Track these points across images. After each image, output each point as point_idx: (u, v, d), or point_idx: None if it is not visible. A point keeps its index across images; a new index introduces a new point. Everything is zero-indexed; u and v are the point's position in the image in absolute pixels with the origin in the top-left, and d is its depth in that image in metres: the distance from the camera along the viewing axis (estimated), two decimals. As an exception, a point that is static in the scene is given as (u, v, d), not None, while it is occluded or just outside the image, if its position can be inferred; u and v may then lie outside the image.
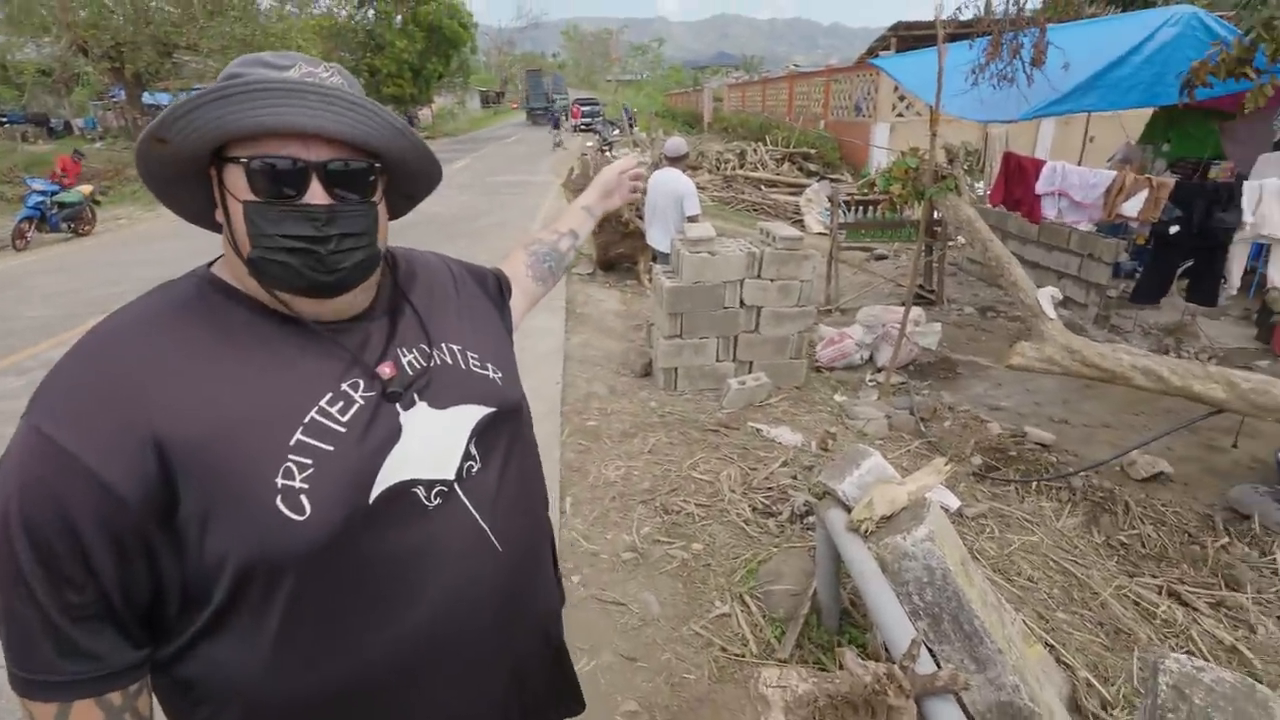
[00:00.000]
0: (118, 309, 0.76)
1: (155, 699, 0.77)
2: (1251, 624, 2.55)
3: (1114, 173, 4.31)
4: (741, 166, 14.46)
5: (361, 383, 0.79)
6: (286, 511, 0.69)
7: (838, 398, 4.51)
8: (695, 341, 4.42)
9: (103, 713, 0.69)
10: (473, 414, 0.86)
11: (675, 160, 5.34)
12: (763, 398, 4.33)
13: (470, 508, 0.83)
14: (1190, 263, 4.35)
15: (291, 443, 0.72)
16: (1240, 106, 4.32)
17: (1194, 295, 4.49)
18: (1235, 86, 4.26)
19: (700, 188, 10.21)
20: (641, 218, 6.67)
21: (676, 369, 4.48)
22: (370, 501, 0.74)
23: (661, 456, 3.60)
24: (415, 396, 0.82)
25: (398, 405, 0.80)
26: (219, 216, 0.78)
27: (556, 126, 25.15)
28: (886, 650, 1.94)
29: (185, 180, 0.77)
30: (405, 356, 0.85)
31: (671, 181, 5.12)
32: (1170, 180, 4.20)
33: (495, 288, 1.12)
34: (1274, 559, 2.89)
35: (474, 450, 0.85)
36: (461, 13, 32.00)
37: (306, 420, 0.73)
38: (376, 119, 0.74)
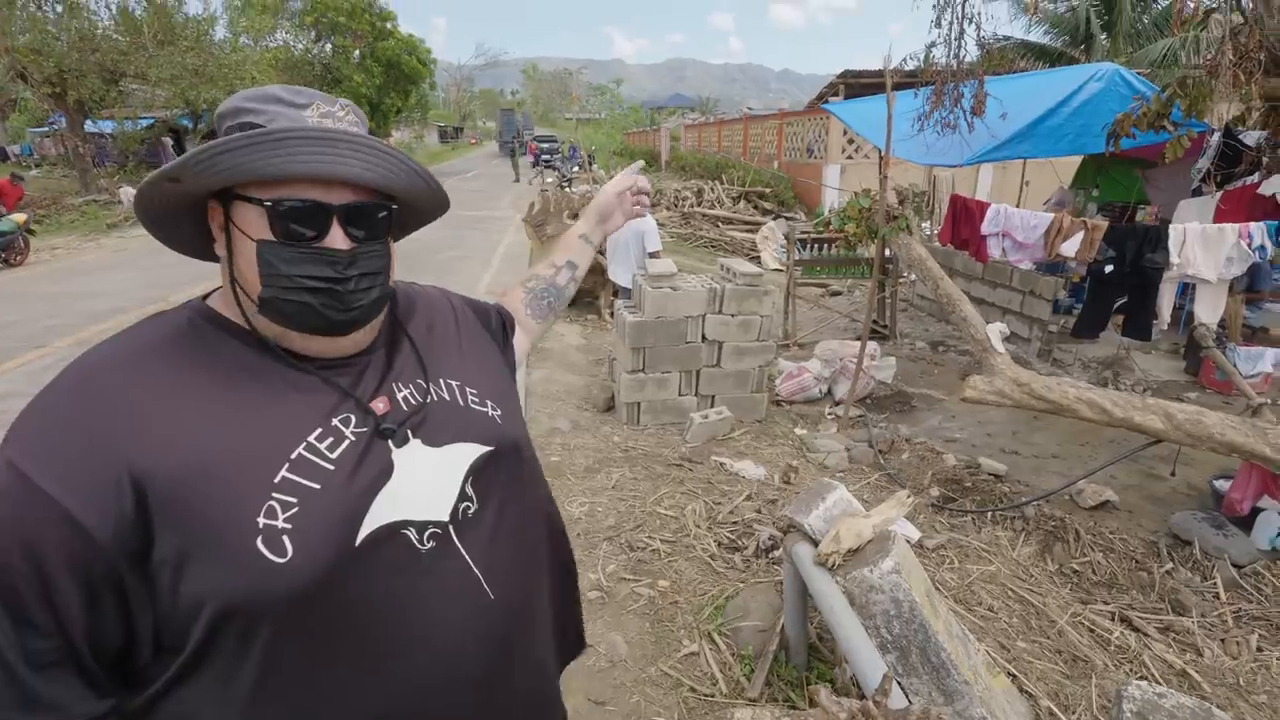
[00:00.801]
0: (104, 340, 0.73)
1: None
2: (1198, 647, 2.64)
3: (1052, 215, 4.57)
4: (699, 204, 14.78)
5: (353, 418, 0.77)
6: (267, 553, 0.65)
7: (798, 431, 4.57)
8: (658, 376, 4.44)
9: None
10: (469, 452, 0.83)
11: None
12: (725, 431, 4.35)
13: (464, 552, 0.79)
14: (1124, 300, 4.60)
15: (276, 480, 0.69)
16: (1161, 156, 4.66)
17: (1129, 330, 4.75)
18: (1156, 137, 4.60)
19: (659, 224, 10.38)
20: (603, 253, 6.73)
21: (639, 403, 4.48)
22: (357, 543, 0.71)
23: (626, 492, 3.57)
24: (409, 433, 0.79)
25: (390, 442, 0.77)
26: (218, 250, 0.77)
27: (514, 156, 25.44)
28: (856, 685, 1.93)
29: (180, 215, 0.76)
30: (401, 392, 0.83)
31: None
32: (1103, 223, 4.47)
33: (498, 324, 1.09)
34: (1215, 583, 3.01)
35: (470, 491, 0.82)
36: (420, 49, 32.21)
37: (293, 457, 0.71)
38: (398, 164, 0.75)
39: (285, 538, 0.67)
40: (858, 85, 15.03)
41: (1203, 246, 3.86)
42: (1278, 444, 2.93)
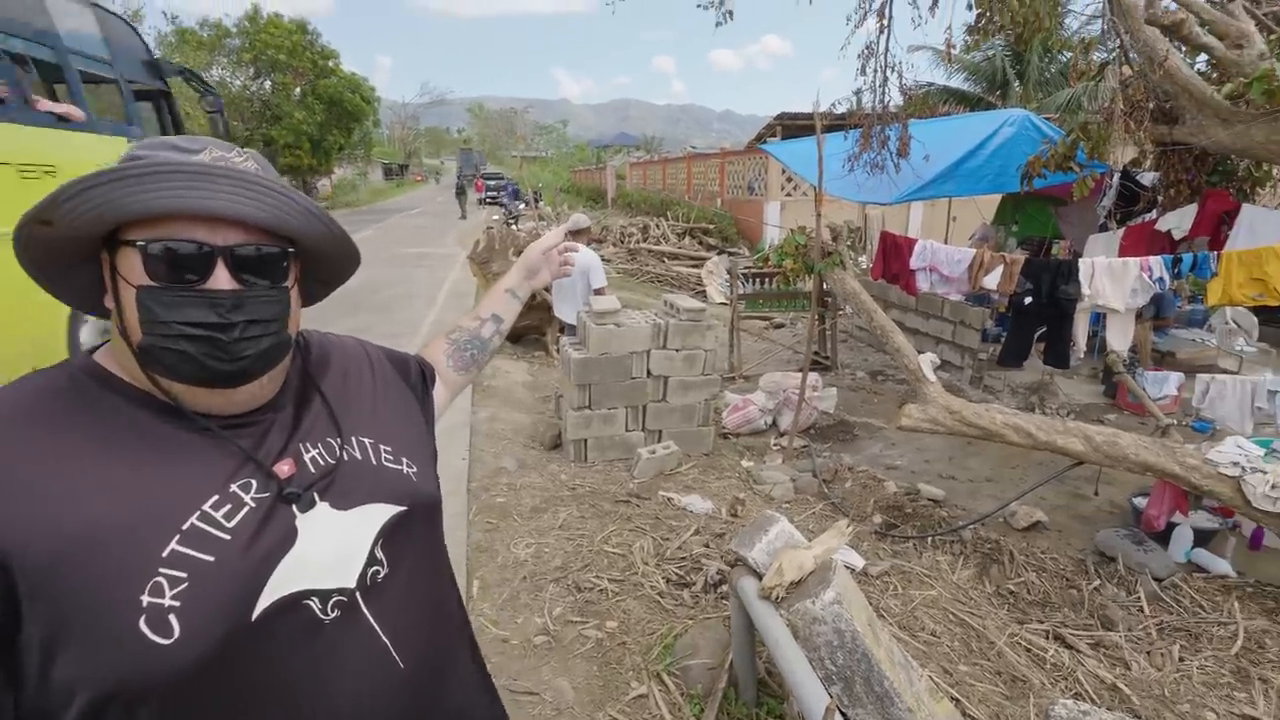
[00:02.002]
0: None
1: None
2: (1126, 661, 2.75)
3: (974, 250, 4.83)
4: (645, 240, 15.02)
5: (254, 482, 0.72)
6: (150, 634, 0.61)
7: (745, 463, 4.62)
8: (604, 412, 4.43)
9: None
10: (381, 514, 0.80)
11: (578, 234, 5.48)
12: (673, 466, 4.36)
13: (372, 620, 0.76)
14: (1044, 329, 4.88)
15: (164, 554, 0.64)
16: (1070, 194, 5.01)
17: (1049, 359, 5.02)
18: (1064, 177, 4.95)
19: (606, 260, 10.49)
20: (548, 290, 6.74)
21: (586, 440, 4.45)
22: (254, 618, 0.67)
23: (573, 531, 3.52)
24: (315, 497, 0.75)
25: (294, 507, 0.73)
26: (108, 302, 0.72)
27: (461, 193, 25.38)
28: (803, 719, 1.93)
29: (72, 265, 0.71)
30: (309, 452, 0.78)
31: (577, 255, 5.23)
32: (1020, 257, 4.76)
33: (417, 375, 1.05)
34: (1138, 597, 3.15)
35: (380, 554, 0.78)
36: (363, 87, 32.05)
37: (185, 527, 0.66)
38: (290, 203, 0.71)
39: (172, 616, 0.62)
40: (794, 126, 15.68)
41: (1109, 279, 4.15)
42: (1186, 462, 3.13)
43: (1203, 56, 4.50)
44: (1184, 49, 4.22)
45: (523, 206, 19.54)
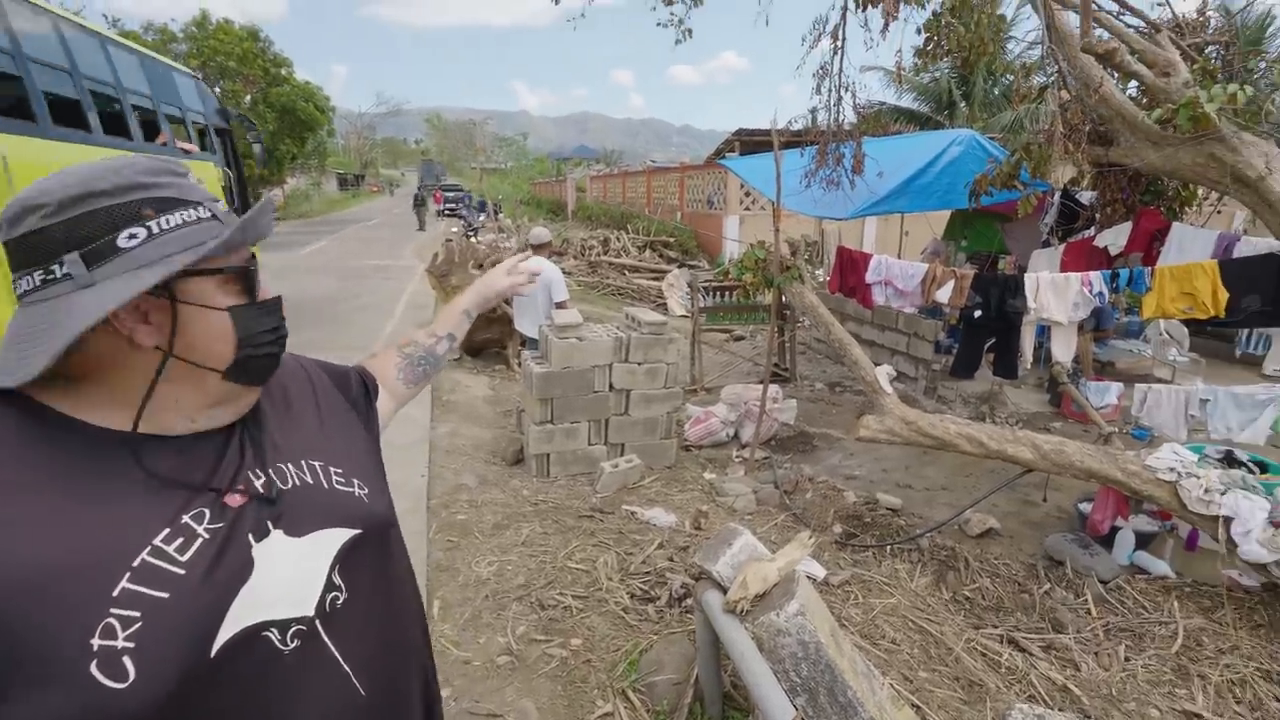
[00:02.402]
0: None
1: None
2: (1076, 662, 2.84)
3: (927, 265, 4.99)
4: (606, 253, 15.05)
5: (207, 512, 0.70)
6: (103, 679, 0.58)
7: (707, 475, 4.64)
8: (566, 426, 4.40)
9: None
10: (336, 538, 0.78)
11: (539, 248, 5.46)
12: (635, 479, 4.35)
13: (332, 647, 0.74)
14: (993, 341, 5.06)
15: (115, 593, 0.61)
16: (1015, 211, 5.22)
17: (998, 369, 5.20)
18: (1009, 195, 5.15)
19: (567, 273, 10.45)
20: (509, 303, 6.68)
21: (549, 455, 4.41)
22: (213, 654, 0.65)
23: (536, 548, 3.47)
24: (270, 524, 0.74)
25: (250, 536, 0.71)
26: (145, 340, 0.68)
27: (420, 205, 25.01)
28: (769, 733, 1.93)
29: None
30: (258, 480, 0.76)
31: (538, 268, 5.20)
32: (970, 272, 4.93)
33: (359, 389, 1.03)
34: (1086, 599, 3.27)
35: (338, 580, 0.77)
36: (317, 96, 31.42)
37: (135, 564, 0.63)
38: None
39: (126, 659, 0.59)
40: (752, 142, 15.99)
41: (1053, 293, 4.33)
42: (1127, 468, 3.27)
43: (1134, 83, 4.76)
44: (1117, 76, 4.46)
45: (482, 218, 19.38)
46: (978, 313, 4.64)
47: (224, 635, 0.65)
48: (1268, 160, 3.79)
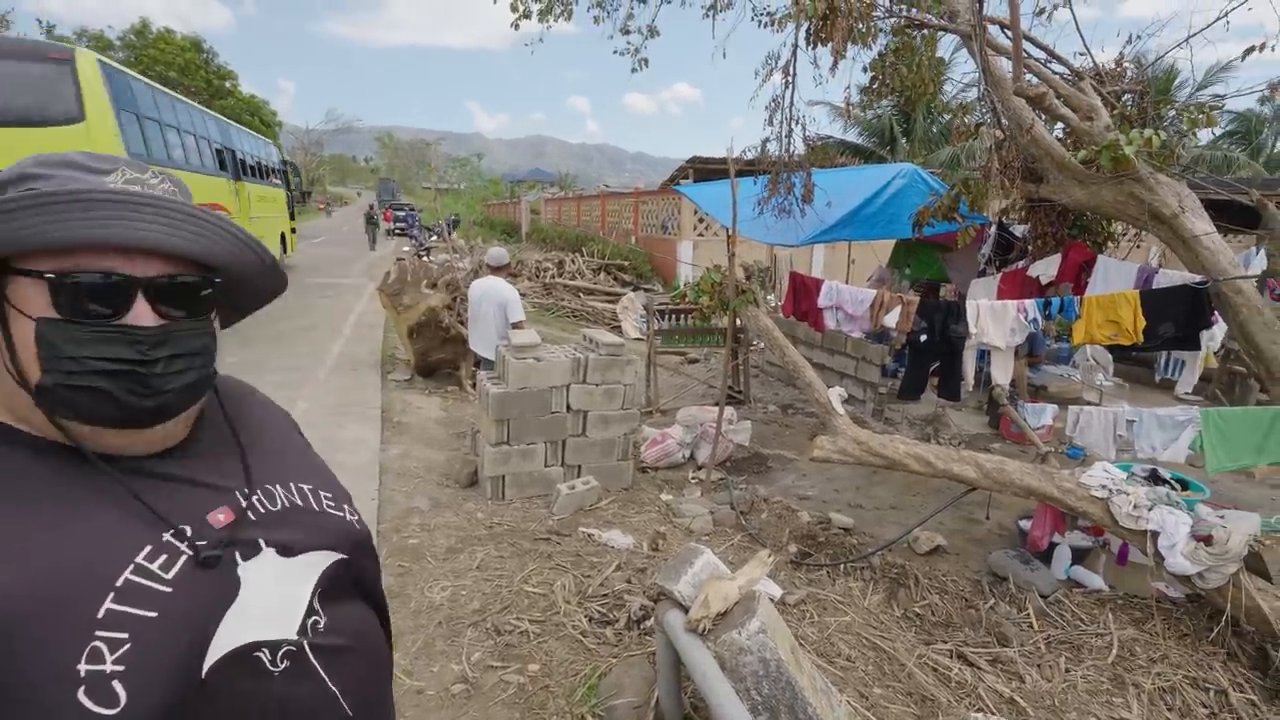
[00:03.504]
0: None
1: None
2: (1021, 675, 2.94)
3: (875, 291, 5.18)
4: (561, 275, 15.04)
5: (189, 529, 0.67)
6: (92, 706, 0.55)
7: (664, 497, 4.65)
8: (523, 447, 4.35)
9: None
10: (320, 561, 0.76)
11: (497, 269, 5.44)
12: (592, 501, 4.32)
13: (319, 669, 0.71)
14: (937, 364, 5.27)
15: (99, 615, 0.58)
16: (955, 241, 5.48)
17: (943, 392, 5.42)
18: (950, 226, 5.41)
19: (522, 294, 10.38)
20: (464, 323, 6.59)
21: (504, 476, 4.34)
22: (204, 673, 0.62)
23: (491, 572, 3.40)
24: (261, 543, 0.72)
25: (237, 554, 0.69)
26: None
27: (371, 224, 24.54)
28: (731, 753, 1.93)
29: None
30: (245, 499, 0.74)
31: (494, 289, 5.17)
32: (916, 298, 5.14)
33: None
34: (1028, 613, 3.40)
35: (318, 604, 0.74)
36: (264, 110, 30.70)
37: (119, 584, 0.60)
38: (220, 232, 0.68)
39: (116, 682, 0.56)
40: (705, 170, 16.33)
41: (992, 319, 4.56)
42: (1063, 486, 3.44)
43: (1060, 125, 5.10)
44: (1045, 118, 4.77)
45: (434, 238, 19.13)
46: (923, 337, 4.83)
47: (214, 654, 0.63)
48: (1180, 199, 4.10)
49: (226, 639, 0.64)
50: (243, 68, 29.81)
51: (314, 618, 0.74)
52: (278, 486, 0.78)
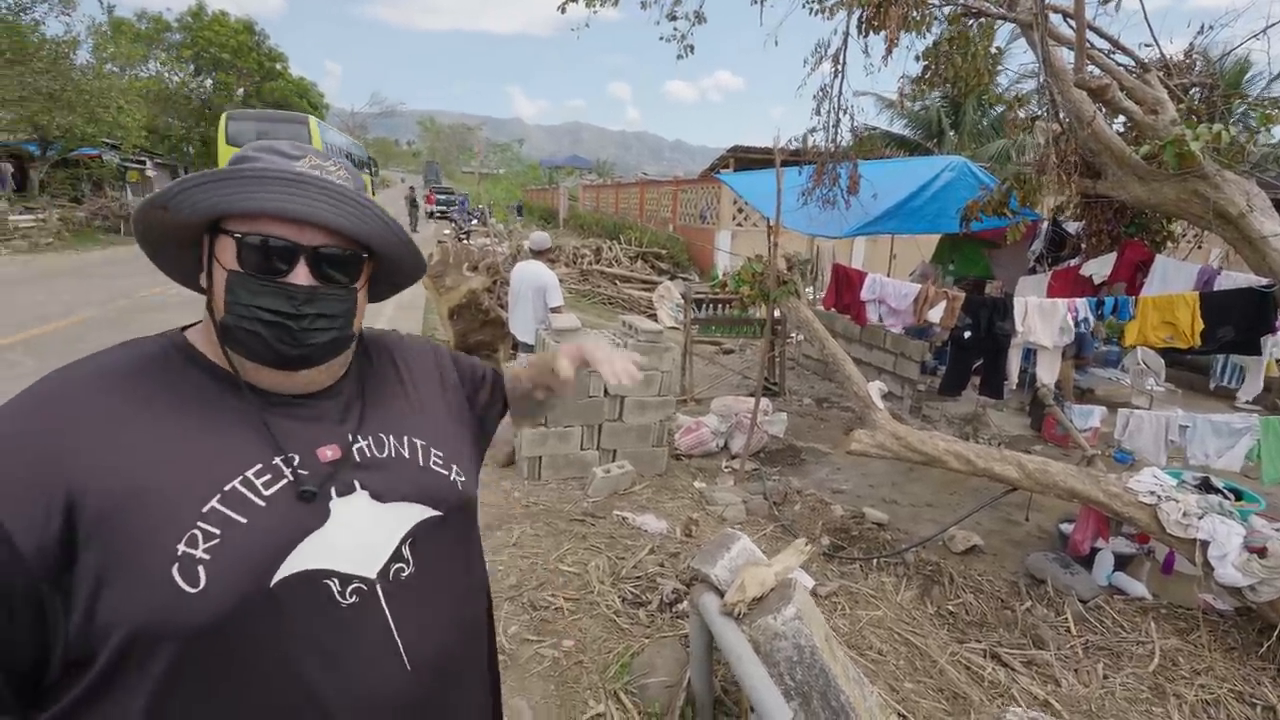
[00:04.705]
0: (76, 360, 0.76)
1: None
2: (1057, 678, 2.90)
3: (920, 286, 5.10)
4: (598, 262, 15.09)
5: (297, 458, 0.77)
6: (180, 581, 0.65)
7: (697, 484, 4.67)
8: (560, 430, 4.42)
9: None
10: (415, 514, 0.82)
11: (539, 253, 5.49)
12: (627, 485, 4.37)
13: (388, 615, 0.77)
14: (980, 362, 5.17)
15: (204, 510, 0.69)
16: (1003, 237, 5.35)
17: (985, 390, 5.31)
18: (999, 222, 5.28)
19: (559, 280, 10.46)
20: (503, 306, 6.69)
21: (541, 458, 4.42)
22: (272, 584, 0.70)
23: (527, 549, 3.48)
24: (357, 484, 0.79)
25: (331, 489, 0.77)
26: (203, 281, 0.80)
27: (413, 206, 25.02)
28: (762, 735, 1.96)
29: (178, 244, 0.80)
30: (358, 443, 0.82)
31: (534, 273, 5.23)
32: (962, 294, 5.04)
33: (489, 392, 1.08)
34: (1066, 618, 3.34)
35: (407, 553, 0.80)
36: (311, 93, 31.30)
37: (226, 489, 0.71)
38: (370, 215, 0.78)
39: (201, 568, 0.66)
40: (746, 159, 16.17)
41: (1040, 317, 4.45)
42: (1109, 490, 3.36)
43: (1121, 118, 4.92)
44: (1106, 111, 4.60)
45: (475, 222, 19.39)
46: (967, 333, 4.74)
47: (286, 570, 0.71)
48: (1248, 198, 3.94)
49: (300, 560, 0.72)
50: (292, 50, 30.50)
51: (398, 565, 0.79)
52: (389, 437, 0.86)
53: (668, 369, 4.62)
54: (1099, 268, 5.55)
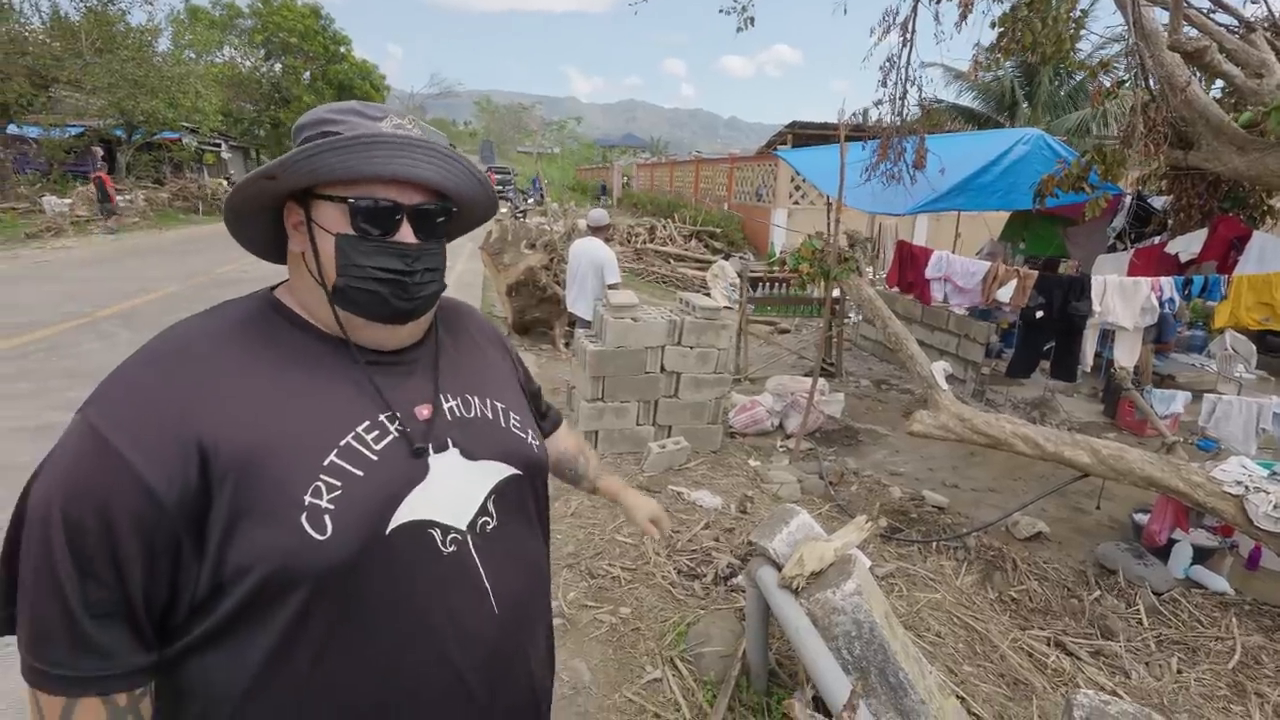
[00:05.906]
0: (186, 317, 0.80)
1: None
2: (1126, 670, 2.81)
3: (989, 263, 4.90)
4: (652, 240, 15.06)
5: (399, 416, 0.81)
6: (309, 530, 0.70)
7: (752, 462, 4.66)
8: (616, 405, 4.47)
9: (107, 711, 0.69)
10: (498, 471, 0.88)
11: (597, 230, 5.53)
12: (682, 461, 4.40)
13: (478, 563, 0.83)
14: (1052, 344, 4.95)
15: (325, 463, 0.73)
16: (1081, 214, 5.08)
17: (1056, 373, 5.09)
18: (1076, 198, 5.02)
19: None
20: (560, 283, 6.77)
21: (597, 432, 4.49)
22: (388, 531, 0.75)
23: (585, 520, 3.56)
24: (450, 441, 0.84)
25: (430, 445, 0.82)
26: (295, 246, 0.82)
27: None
28: (815, 706, 1.98)
29: (257, 215, 0.83)
30: (448, 402, 0.88)
31: (592, 250, 5.27)
32: (1034, 272, 4.83)
33: (532, 399, 1.13)
34: (1138, 609, 3.21)
35: (491, 507, 0.86)
36: (374, 75, 32.02)
37: (342, 444, 0.76)
38: (464, 171, 0.82)
39: (327, 517, 0.71)
40: (804, 135, 15.78)
41: (1120, 297, 4.22)
42: (1190, 479, 3.19)
43: (1218, 84, 4.58)
44: (1202, 76, 4.29)
45: (531, 201, 19.61)
46: (1039, 313, 4.54)
47: (398, 520, 0.76)
48: (1363, 170, 3.62)
49: (409, 510, 0.77)
50: (355, 33, 31.27)
51: (484, 518, 0.85)
52: (475, 398, 0.91)
53: (724, 346, 4.61)
54: (1187, 245, 5.21)
